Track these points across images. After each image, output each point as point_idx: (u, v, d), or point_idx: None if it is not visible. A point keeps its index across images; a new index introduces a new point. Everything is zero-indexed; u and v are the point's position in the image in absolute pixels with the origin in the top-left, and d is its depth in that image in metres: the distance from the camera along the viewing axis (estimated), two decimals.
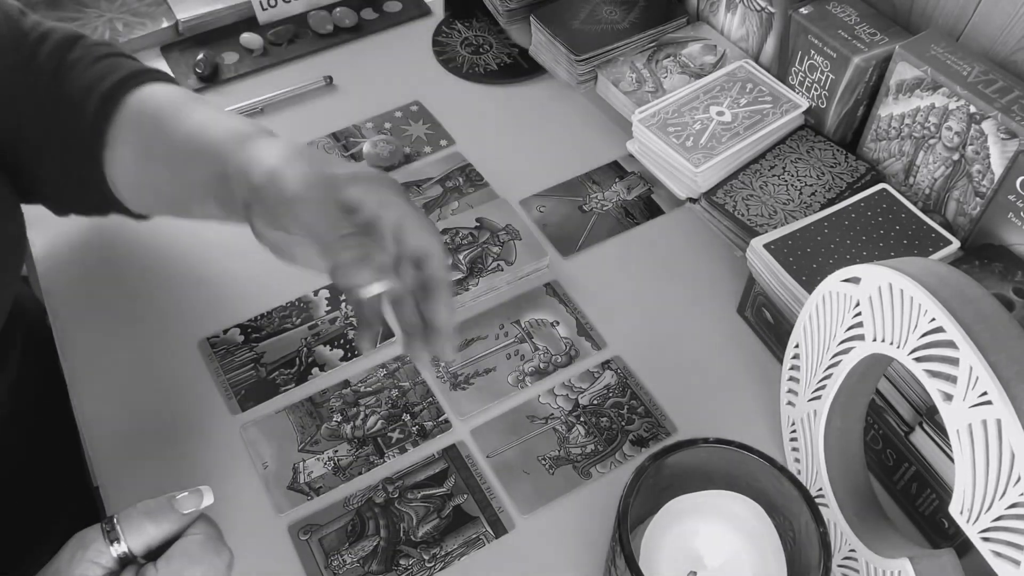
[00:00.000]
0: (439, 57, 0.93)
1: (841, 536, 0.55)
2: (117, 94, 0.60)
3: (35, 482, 0.76)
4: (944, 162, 0.69)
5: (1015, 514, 0.42)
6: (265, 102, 0.86)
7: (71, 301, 0.71)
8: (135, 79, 0.61)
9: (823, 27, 0.74)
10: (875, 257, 0.65)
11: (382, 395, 0.66)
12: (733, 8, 0.84)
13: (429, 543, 0.59)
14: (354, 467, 0.62)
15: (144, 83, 0.61)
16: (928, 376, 0.46)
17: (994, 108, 0.64)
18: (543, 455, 0.63)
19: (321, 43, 0.93)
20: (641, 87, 0.83)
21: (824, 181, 0.74)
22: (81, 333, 0.69)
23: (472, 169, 0.82)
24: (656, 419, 0.65)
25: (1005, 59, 0.69)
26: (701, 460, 0.51)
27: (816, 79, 0.76)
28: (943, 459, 0.55)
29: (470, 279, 0.72)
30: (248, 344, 0.69)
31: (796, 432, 0.60)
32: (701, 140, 0.75)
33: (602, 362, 0.68)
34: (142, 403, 0.65)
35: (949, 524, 0.57)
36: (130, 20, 0.91)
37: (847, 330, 0.53)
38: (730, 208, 0.72)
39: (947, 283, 0.46)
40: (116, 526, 0.47)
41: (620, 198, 0.80)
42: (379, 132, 0.85)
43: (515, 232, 0.75)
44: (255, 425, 0.64)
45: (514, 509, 0.61)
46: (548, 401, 0.66)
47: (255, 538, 0.59)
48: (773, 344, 0.69)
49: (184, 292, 0.72)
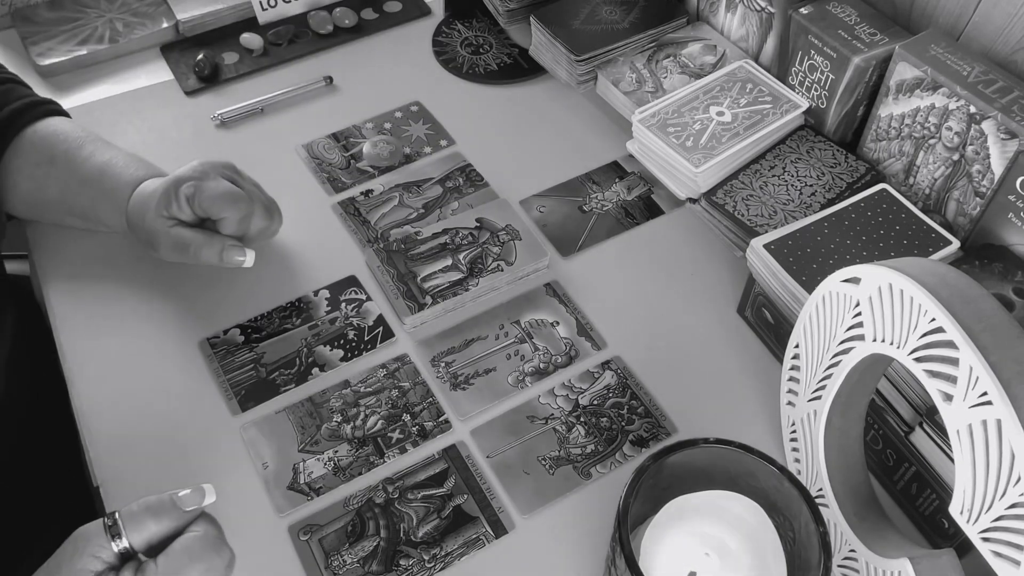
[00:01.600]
0: (439, 57, 0.93)
1: (841, 536, 0.55)
2: (17, 123, 0.71)
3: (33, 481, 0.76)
4: (944, 162, 0.69)
5: (1015, 514, 0.42)
6: (265, 102, 0.86)
7: (71, 301, 0.71)
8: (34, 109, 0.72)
9: (823, 27, 0.74)
10: (875, 257, 0.65)
11: (382, 395, 0.66)
12: (733, 8, 0.84)
13: (429, 543, 0.59)
14: (354, 467, 0.62)
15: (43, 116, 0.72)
16: (928, 376, 0.46)
17: (994, 108, 0.64)
18: (543, 455, 0.63)
19: (321, 43, 0.93)
20: (641, 87, 0.83)
21: (824, 181, 0.74)
22: (81, 333, 0.69)
23: (472, 169, 0.82)
24: (656, 419, 0.65)
25: (1005, 59, 0.69)
26: (701, 460, 0.51)
27: (816, 79, 0.76)
28: (943, 459, 0.55)
29: (470, 279, 0.72)
30: (248, 344, 0.69)
31: (796, 432, 0.60)
32: (701, 140, 0.75)
33: (602, 362, 0.68)
34: (142, 403, 0.65)
35: (949, 524, 0.57)
36: (130, 20, 0.91)
37: (847, 330, 0.53)
38: (730, 208, 0.72)
39: (947, 283, 0.46)
40: (118, 521, 0.47)
41: (620, 198, 0.80)
42: (379, 132, 0.85)
43: (515, 232, 0.75)
44: (255, 425, 0.64)
45: (514, 509, 0.61)
46: (548, 401, 0.66)
47: (255, 538, 0.59)
48: (773, 344, 0.69)
49: (184, 292, 0.72)
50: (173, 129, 0.84)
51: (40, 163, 0.70)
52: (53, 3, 0.92)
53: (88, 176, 0.69)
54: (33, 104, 0.72)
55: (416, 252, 0.74)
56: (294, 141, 0.83)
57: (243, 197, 0.67)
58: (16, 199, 0.72)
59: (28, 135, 0.71)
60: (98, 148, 0.71)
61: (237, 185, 0.68)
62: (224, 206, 0.66)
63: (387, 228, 0.77)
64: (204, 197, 0.66)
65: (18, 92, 0.73)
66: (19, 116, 0.71)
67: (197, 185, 0.66)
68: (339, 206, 0.79)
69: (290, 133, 0.84)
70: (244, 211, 0.67)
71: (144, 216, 0.67)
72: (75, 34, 0.89)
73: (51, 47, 0.88)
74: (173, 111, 0.85)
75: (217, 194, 0.66)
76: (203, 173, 0.67)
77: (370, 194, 0.79)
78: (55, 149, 0.70)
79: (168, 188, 0.66)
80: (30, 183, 0.70)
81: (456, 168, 0.82)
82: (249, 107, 0.85)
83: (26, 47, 0.88)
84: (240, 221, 0.67)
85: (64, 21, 0.90)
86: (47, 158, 0.70)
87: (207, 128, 0.84)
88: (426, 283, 0.71)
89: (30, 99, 0.73)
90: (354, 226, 0.77)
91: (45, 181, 0.70)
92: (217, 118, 0.84)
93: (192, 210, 0.66)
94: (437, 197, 0.79)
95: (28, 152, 0.70)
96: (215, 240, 0.67)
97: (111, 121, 0.84)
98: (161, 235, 0.67)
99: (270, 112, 0.86)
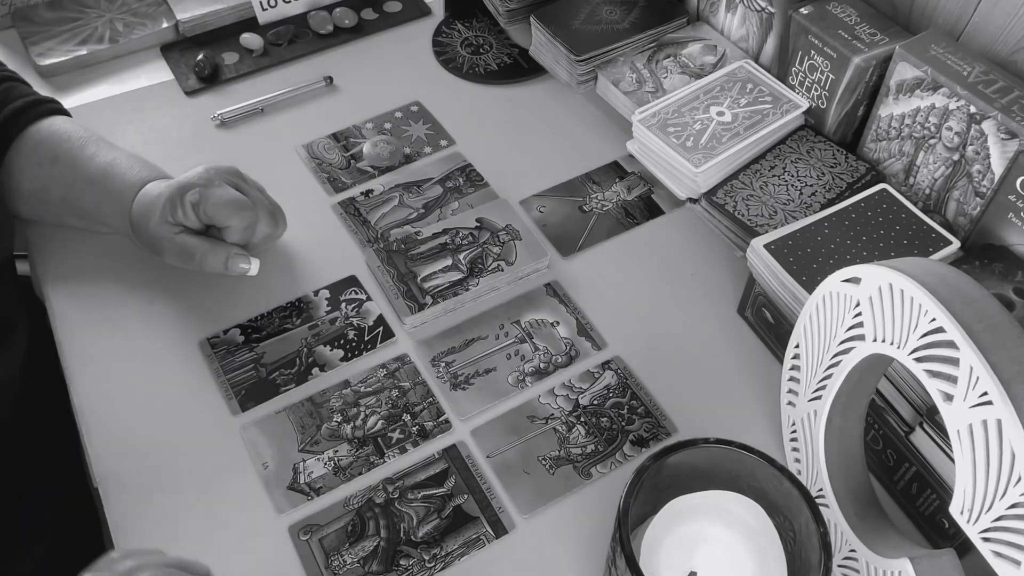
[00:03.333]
0: (439, 57, 0.93)
1: (841, 536, 0.55)
2: (19, 122, 0.71)
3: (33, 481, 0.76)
4: (944, 162, 0.69)
5: (1015, 514, 0.42)
6: (265, 102, 0.86)
7: (71, 301, 0.71)
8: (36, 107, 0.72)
9: (823, 27, 0.74)
10: (875, 257, 0.65)
11: (382, 395, 0.66)
12: (733, 8, 0.84)
13: (429, 543, 0.59)
14: (354, 467, 0.62)
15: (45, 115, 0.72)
16: (928, 376, 0.46)
17: (994, 108, 0.64)
18: (543, 455, 0.63)
19: (321, 43, 0.93)
20: (641, 87, 0.83)
21: (824, 181, 0.74)
22: (81, 333, 0.69)
23: (472, 169, 0.82)
24: (656, 419, 0.65)
25: (1005, 59, 0.69)
26: (701, 460, 0.51)
27: (816, 79, 0.76)
28: (943, 459, 0.55)
29: (470, 279, 0.72)
30: (248, 344, 0.69)
31: (796, 432, 0.60)
32: (701, 140, 0.75)
33: (602, 362, 0.68)
34: (142, 403, 0.65)
35: (949, 524, 0.57)
36: (130, 20, 0.91)
37: (847, 330, 0.53)
38: (730, 208, 0.72)
39: (947, 283, 0.46)
40: None
41: (620, 198, 0.80)
42: (379, 132, 0.85)
43: (515, 232, 0.75)
44: (255, 425, 0.64)
45: (514, 509, 0.61)
46: (548, 401, 0.66)
47: (255, 538, 0.59)
48: (773, 344, 0.69)
49: (184, 292, 0.72)
50: (173, 129, 0.84)
51: (43, 163, 0.70)
52: (53, 3, 0.92)
53: (92, 176, 0.69)
54: (35, 103, 0.72)
55: (416, 252, 0.74)
56: (294, 141, 0.83)
57: (248, 205, 0.67)
58: (18, 199, 0.72)
59: (31, 134, 0.71)
60: (101, 148, 0.71)
61: (241, 191, 0.68)
62: (230, 214, 0.66)
63: (387, 228, 0.77)
64: (209, 205, 0.66)
65: (19, 91, 0.73)
66: (20, 115, 0.71)
67: (203, 192, 0.66)
68: (339, 206, 0.79)
69: (290, 133, 0.84)
70: (249, 219, 0.67)
71: (148, 221, 0.67)
72: (75, 34, 0.89)
73: (51, 47, 0.88)
74: (173, 111, 0.85)
75: (223, 202, 0.66)
76: (208, 180, 0.67)
77: (370, 194, 0.79)
78: (58, 149, 0.70)
79: (173, 194, 0.66)
80: (33, 183, 0.70)
81: (456, 168, 0.82)
82: (249, 107, 0.85)
83: (26, 47, 0.88)
84: (245, 229, 0.67)
85: (64, 21, 0.90)
86: (50, 158, 0.70)
87: (207, 128, 0.84)
88: (426, 283, 0.71)
89: (31, 98, 0.73)
90: (354, 226, 0.77)
91: (48, 181, 0.70)
92: (217, 118, 0.84)
93: (197, 217, 0.66)
94: (437, 197, 0.79)
95: (31, 152, 0.70)
96: (220, 248, 0.67)
97: (111, 121, 0.84)
98: (166, 241, 0.67)
99: (270, 112, 0.86)
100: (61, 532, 0.77)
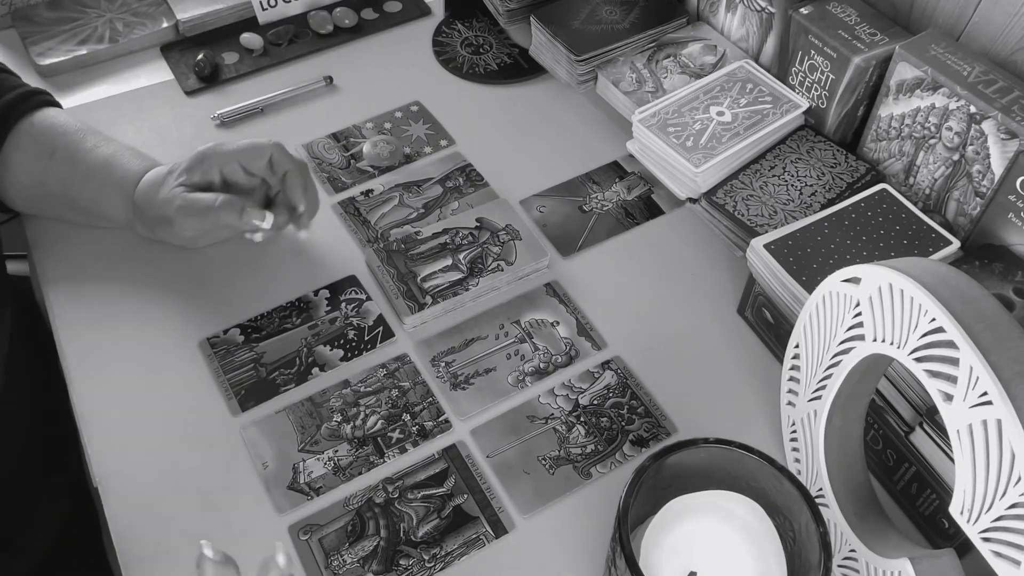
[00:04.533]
0: (439, 57, 0.93)
1: (841, 536, 0.55)
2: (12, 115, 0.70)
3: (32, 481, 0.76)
4: (944, 162, 0.69)
5: (1015, 514, 0.42)
6: (265, 102, 0.86)
7: (71, 301, 0.71)
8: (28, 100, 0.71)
9: (823, 27, 0.74)
10: (875, 257, 0.65)
11: (382, 395, 0.66)
12: (733, 8, 0.84)
13: (429, 543, 0.59)
14: (354, 467, 0.62)
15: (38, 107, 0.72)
16: (928, 376, 0.46)
17: (994, 108, 0.64)
18: (543, 455, 0.63)
19: (321, 43, 0.93)
20: (641, 87, 0.83)
21: (824, 181, 0.74)
22: (81, 333, 0.69)
23: (472, 169, 0.82)
24: (656, 419, 0.65)
25: (1005, 59, 0.69)
26: (701, 460, 0.51)
27: (816, 79, 0.76)
28: (943, 459, 0.55)
29: (470, 279, 0.72)
30: (248, 344, 0.69)
31: (796, 432, 0.60)
32: (701, 140, 0.75)
33: (602, 362, 0.68)
34: (142, 403, 0.65)
35: (949, 524, 0.57)
36: (130, 20, 0.91)
37: (847, 330, 0.53)
38: (730, 208, 0.72)
39: (947, 283, 0.46)
40: None
41: (620, 198, 0.80)
42: (379, 132, 0.85)
43: (515, 232, 0.75)
44: (255, 425, 0.64)
45: (514, 509, 0.61)
46: (548, 401, 0.66)
47: (255, 538, 0.59)
48: (773, 344, 0.69)
49: (184, 292, 0.72)
50: (173, 129, 0.84)
51: (40, 156, 0.70)
52: (53, 3, 0.92)
53: (94, 168, 0.69)
54: (26, 95, 0.72)
55: (416, 252, 0.74)
56: (294, 141, 0.83)
57: (266, 143, 0.69)
58: (15, 193, 0.71)
59: (24, 127, 0.70)
60: (100, 141, 0.71)
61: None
62: (253, 154, 0.68)
63: (387, 228, 0.77)
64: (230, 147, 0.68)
65: (9, 83, 0.72)
66: (12, 109, 0.70)
67: (216, 145, 0.68)
68: (339, 206, 0.79)
69: (290, 133, 0.84)
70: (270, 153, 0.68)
71: (157, 193, 0.67)
72: (75, 34, 0.89)
73: (51, 47, 0.88)
74: (173, 111, 0.85)
75: (243, 144, 0.68)
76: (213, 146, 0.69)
77: (370, 194, 0.79)
78: (55, 142, 0.70)
79: (191, 159, 0.68)
80: (30, 177, 0.70)
81: (456, 168, 0.82)
82: (249, 107, 0.85)
83: (26, 47, 0.88)
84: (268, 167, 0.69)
85: (64, 21, 0.90)
86: (47, 151, 0.70)
87: (207, 128, 0.84)
88: (426, 283, 0.71)
89: (23, 89, 0.72)
90: (354, 226, 0.77)
91: (46, 175, 0.70)
92: (217, 118, 0.84)
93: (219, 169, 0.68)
94: (437, 197, 0.79)
95: (27, 145, 0.70)
96: (235, 199, 0.67)
97: (111, 121, 0.84)
98: (176, 204, 0.67)
99: (270, 112, 0.86)
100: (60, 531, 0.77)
